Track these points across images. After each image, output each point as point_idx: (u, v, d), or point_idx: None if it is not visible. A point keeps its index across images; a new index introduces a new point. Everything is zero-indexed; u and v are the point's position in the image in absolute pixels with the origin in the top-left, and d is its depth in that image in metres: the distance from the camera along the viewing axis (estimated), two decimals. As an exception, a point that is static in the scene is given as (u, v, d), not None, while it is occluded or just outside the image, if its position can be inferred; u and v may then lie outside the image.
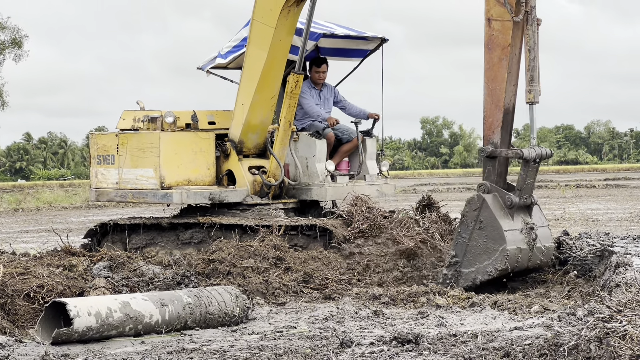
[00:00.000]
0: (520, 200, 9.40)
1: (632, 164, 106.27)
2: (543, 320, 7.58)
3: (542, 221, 9.67)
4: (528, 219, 9.49)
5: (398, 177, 67.41)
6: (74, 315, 6.95)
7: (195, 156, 12.08)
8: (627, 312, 5.52)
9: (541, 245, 9.51)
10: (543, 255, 9.58)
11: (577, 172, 74.30)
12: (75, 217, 25.94)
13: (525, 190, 9.46)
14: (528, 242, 9.42)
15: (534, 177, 9.53)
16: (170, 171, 11.85)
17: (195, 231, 11.54)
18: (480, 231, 9.41)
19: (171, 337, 7.37)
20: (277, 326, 7.75)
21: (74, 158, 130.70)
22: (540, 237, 9.50)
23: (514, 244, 9.30)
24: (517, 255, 9.32)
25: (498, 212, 9.37)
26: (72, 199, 35.27)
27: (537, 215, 9.64)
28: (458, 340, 6.82)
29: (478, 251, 9.43)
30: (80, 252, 10.32)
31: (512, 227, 9.35)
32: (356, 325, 7.72)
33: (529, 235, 9.42)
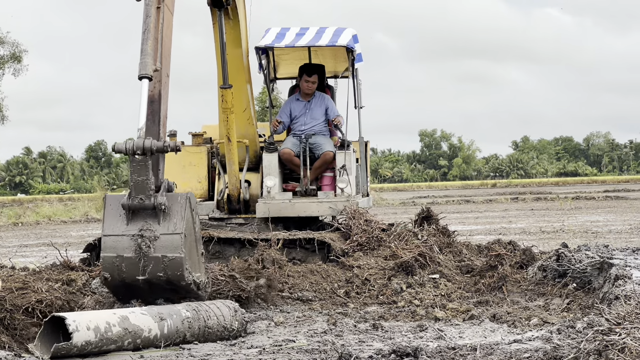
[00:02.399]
0: (133, 202, 7.97)
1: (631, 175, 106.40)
2: (542, 333, 7.58)
3: (173, 228, 8.08)
4: (149, 225, 8.00)
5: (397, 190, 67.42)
6: (73, 330, 6.94)
7: (184, 170, 12.18)
8: (626, 324, 5.51)
9: (159, 256, 7.96)
10: (167, 267, 7.98)
11: (576, 184, 74.39)
12: (74, 231, 25.93)
13: (137, 189, 7.97)
14: (135, 250, 7.93)
15: (145, 173, 7.98)
16: None
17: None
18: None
19: (170, 351, 7.36)
20: (275, 340, 7.74)
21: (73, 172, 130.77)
22: (160, 246, 7.98)
23: (114, 250, 7.96)
24: (120, 264, 7.95)
25: (112, 215, 8.06)
26: (71, 212, 35.28)
27: (171, 222, 8.08)
28: (457, 353, 6.80)
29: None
30: (79, 266, 10.33)
31: (118, 232, 8.00)
32: (355, 338, 7.71)
33: (137, 242, 7.94)
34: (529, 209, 33.07)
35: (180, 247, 8.07)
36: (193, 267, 8.18)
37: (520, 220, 25.38)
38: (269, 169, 12.10)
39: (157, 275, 7.99)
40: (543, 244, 15.31)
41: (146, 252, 7.95)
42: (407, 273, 10.34)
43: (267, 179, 12.03)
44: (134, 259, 7.96)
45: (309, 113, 12.75)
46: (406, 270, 10.37)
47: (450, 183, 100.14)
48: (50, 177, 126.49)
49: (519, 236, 18.43)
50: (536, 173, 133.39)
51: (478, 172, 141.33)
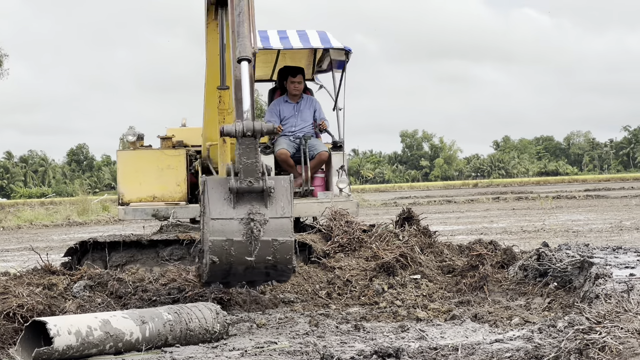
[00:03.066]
0: (241, 185, 7.84)
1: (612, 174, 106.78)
2: (523, 332, 7.60)
3: (281, 212, 8.00)
4: (256, 208, 7.88)
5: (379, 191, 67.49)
6: (54, 334, 6.92)
7: (162, 173, 12.19)
8: (607, 323, 5.54)
9: (269, 239, 7.90)
10: (276, 251, 7.94)
11: (557, 183, 74.60)
12: (56, 235, 25.84)
13: (245, 172, 7.84)
14: (245, 234, 7.84)
15: (253, 155, 7.86)
16: (129, 188, 11.98)
17: (175, 248, 11.53)
18: (205, 216, 8.11)
19: (152, 354, 7.35)
20: (257, 342, 7.73)
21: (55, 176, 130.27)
22: (270, 229, 7.89)
23: (223, 234, 7.84)
24: (229, 248, 7.85)
25: (216, 198, 7.91)
26: (53, 217, 35.14)
27: (277, 205, 8.00)
28: (439, 353, 6.82)
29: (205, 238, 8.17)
30: (60, 270, 10.29)
31: (226, 216, 7.87)
32: (337, 339, 7.72)
33: (247, 226, 7.84)
34: (510, 208, 33.15)
35: (290, 231, 8.03)
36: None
37: (501, 220, 25.44)
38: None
39: (265, 259, 7.92)
40: (524, 243, 15.36)
41: (257, 235, 7.84)
42: (389, 274, 10.35)
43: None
44: (244, 242, 7.85)
45: (298, 115, 12.80)
46: (387, 271, 10.38)
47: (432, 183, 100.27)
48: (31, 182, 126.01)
49: (500, 236, 18.48)
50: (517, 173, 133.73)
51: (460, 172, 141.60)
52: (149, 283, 9.68)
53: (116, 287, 9.57)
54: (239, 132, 7.78)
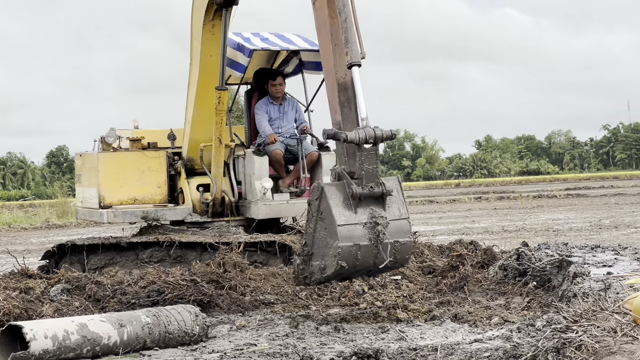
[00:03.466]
0: (364, 190, 8.18)
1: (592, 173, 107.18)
2: (502, 331, 7.60)
3: (399, 214, 8.41)
4: (377, 212, 8.24)
5: (361, 191, 67.50)
6: (30, 339, 6.88)
7: (143, 175, 12.14)
8: (583, 322, 5.54)
9: (391, 241, 8.25)
10: (397, 252, 8.32)
11: (538, 183, 74.78)
12: (35, 238, 25.71)
13: (367, 178, 8.20)
14: (371, 238, 8.18)
15: (374, 162, 8.25)
16: (110, 190, 11.93)
17: (155, 250, 11.50)
18: (322, 222, 8.35)
19: (130, 357, 7.31)
20: (237, 344, 7.71)
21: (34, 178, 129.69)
22: (392, 232, 8.26)
23: (350, 240, 8.14)
24: (356, 252, 8.17)
25: (337, 204, 8.21)
26: (31, 219, 34.97)
27: (394, 207, 8.40)
28: (418, 354, 6.81)
29: (321, 244, 8.41)
30: (38, 274, 10.25)
31: (351, 221, 8.18)
32: (316, 341, 7.70)
33: (372, 230, 8.19)
34: (492, 208, 33.20)
35: (409, 232, 8.52)
36: None
37: (483, 220, 25.48)
38: (261, 171, 12.09)
39: (391, 260, 8.30)
40: (505, 243, 15.38)
41: (382, 239, 8.17)
42: (368, 274, 10.33)
43: (265, 180, 12.03)
44: (370, 246, 8.19)
45: (283, 116, 12.81)
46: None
47: (414, 183, 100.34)
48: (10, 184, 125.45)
49: (481, 236, 18.50)
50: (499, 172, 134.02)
51: (442, 172, 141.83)
52: (128, 286, 9.65)
53: (94, 291, 9.53)
54: (362, 140, 8.18)
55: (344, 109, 8.53)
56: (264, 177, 12.05)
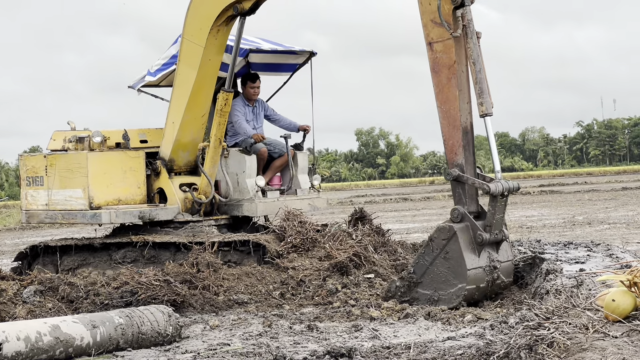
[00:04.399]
0: (491, 237, 9.08)
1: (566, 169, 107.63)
2: (476, 329, 7.63)
3: (508, 256, 9.39)
4: (494, 256, 9.17)
5: (335, 189, 67.59)
6: (2, 341, 6.84)
7: (125, 175, 12.03)
8: (555, 319, 5.56)
9: (501, 282, 9.27)
10: (499, 288, 9.35)
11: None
12: (8, 239, 25.58)
13: (496, 225, 9.11)
14: (488, 281, 9.13)
15: (503, 211, 9.19)
16: (99, 191, 11.79)
17: (128, 250, 11.45)
18: (445, 261, 9.08)
19: (103, 358, 7.29)
20: (210, 344, 7.70)
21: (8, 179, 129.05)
22: (502, 273, 9.24)
23: (474, 282, 9.03)
24: (475, 293, 9.06)
25: (466, 247, 9.03)
26: (5, 220, 34.77)
27: (504, 250, 9.35)
28: (391, 352, 6.83)
29: (438, 278, 9.10)
30: (10, 276, 10.19)
31: (476, 265, 9.04)
32: (290, 340, 7.70)
33: (490, 273, 9.12)
34: (465, 205, 33.24)
35: (512, 272, 9.54)
36: None
37: (456, 217, 25.49)
38: (251, 169, 12.13)
39: (492, 295, 9.29)
40: (478, 240, 15.40)
41: (496, 280, 9.19)
42: (342, 273, 10.36)
43: (258, 179, 12.09)
44: (486, 287, 9.18)
45: (256, 117, 12.84)
46: (341, 270, 10.39)
47: (389, 181, 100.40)
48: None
49: (455, 233, 18.51)
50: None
51: (416, 169, 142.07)
52: (101, 287, 9.62)
53: (67, 292, 9.49)
54: (499, 192, 9.02)
55: (466, 152, 9.29)
56: (254, 175, 12.11)
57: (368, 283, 10.17)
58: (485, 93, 9.01)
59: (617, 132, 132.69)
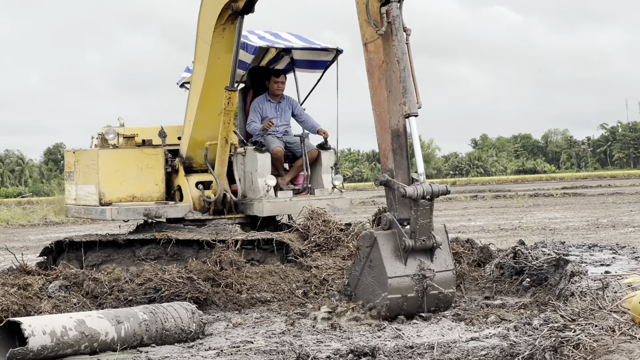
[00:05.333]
0: (417, 244, 8.41)
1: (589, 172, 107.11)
2: (499, 330, 7.61)
3: (446, 265, 8.66)
4: (426, 264, 8.50)
5: (357, 189, 67.51)
6: (29, 335, 6.89)
7: (141, 172, 12.13)
8: (581, 321, 5.55)
9: (436, 293, 8.54)
10: (440, 301, 8.63)
11: (535, 181, 74.81)
12: (32, 235, 25.70)
13: (421, 231, 8.41)
14: (418, 290, 8.45)
15: (429, 216, 8.44)
16: (110, 188, 11.91)
17: (152, 247, 11.49)
18: (370, 270, 8.57)
19: (127, 354, 7.32)
20: (233, 341, 7.72)
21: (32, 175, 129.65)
22: (438, 283, 8.53)
23: (399, 292, 8.41)
24: (402, 303, 8.44)
25: (388, 255, 8.45)
26: (29, 216, 34.94)
27: (441, 259, 8.65)
28: (414, 352, 6.82)
29: (367, 289, 8.62)
30: (36, 270, 10.24)
31: (401, 274, 8.42)
32: (313, 339, 7.71)
33: (420, 283, 8.45)
34: (488, 206, 33.21)
35: (453, 283, 8.79)
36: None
37: (479, 218, 25.49)
38: (263, 168, 12.09)
39: (430, 309, 8.64)
40: (501, 241, 15.38)
41: (428, 291, 8.51)
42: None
43: (268, 178, 12.03)
44: (416, 297, 8.51)
45: (280, 115, 12.80)
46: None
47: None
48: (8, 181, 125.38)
49: (477, 234, 18.51)
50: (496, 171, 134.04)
51: (438, 170, 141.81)
52: (125, 283, 9.65)
53: (92, 287, 9.53)
54: (419, 196, 8.32)
55: (396, 156, 8.72)
56: (267, 174, 12.07)
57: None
58: (409, 92, 8.51)
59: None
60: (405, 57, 8.60)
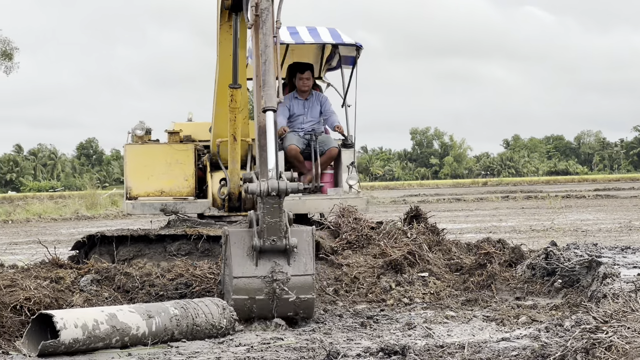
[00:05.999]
0: (265, 244, 7.92)
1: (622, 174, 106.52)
2: (530, 331, 7.58)
3: (303, 269, 8.10)
4: (280, 267, 7.99)
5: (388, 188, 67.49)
6: (60, 328, 6.93)
7: (170, 167, 12.22)
8: (613, 322, 5.52)
9: (292, 297, 8.01)
10: (297, 307, 8.11)
11: (567, 183, 74.49)
12: (64, 229, 25.89)
13: (269, 231, 7.91)
14: (268, 293, 7.98)
15: (278, 215, 7.92)
16: (137, 182, 12.03)
17: (183, 243, 11.52)
18: (226, 267, 8.29)
19: (158, 348, 7.35)
20: (264, 338, 7.73)
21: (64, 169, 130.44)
22: (294, 287, 7.99)
23: (245, 293, 8.01)
24: (250, 305, 8.05)
25: (238, 254, 8.02)
26: (61, 210, 35.20)
27: (300, 262, 8.10)
28: (445, 351, 6.80)
29: (226, 287, 8.36)
30: (68, 264, 10.30)
31: (249, 274, 7.98)
32: (343, 336, 7.71)
33: (269, 285, 7.97)
34: (519, 207, 33.10)
35: (312, 289, 8.19)
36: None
37: (510, 219, 25.40)
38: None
39: (287, 314, 8.15)
40: (533, 242, 15.32)
41: (279, 295, 7.98)
42: (396, 271, 10.34)
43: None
44: (266, 300, 8.02)
45: (308, 111, 12.80)
46: (395, 268, 10.37)
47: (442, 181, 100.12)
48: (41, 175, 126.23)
49: (509, 234, 18.45)
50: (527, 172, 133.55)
51: (469, 170, 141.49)
52: (156, 278, 9.69)
53: (123, 282, 9.58)
54: (264, 192, 7.84)
55: (263, 152, 8.29)
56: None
57: (422, 281, 10.14)
58: (268, 86, 8.20)
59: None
60: (267, 50, 8.36)
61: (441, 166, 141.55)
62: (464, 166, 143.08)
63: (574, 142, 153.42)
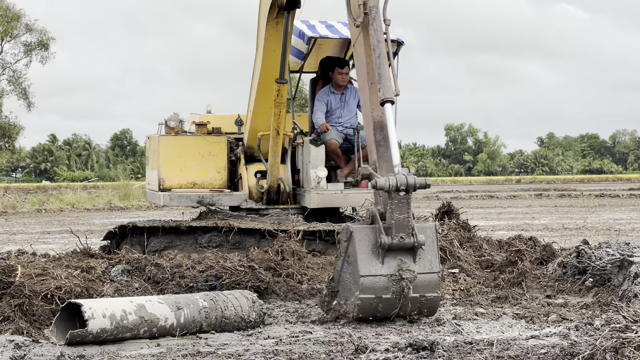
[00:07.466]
0: (394, 241, 7.73)
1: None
2: (560, 329, 7.54)
3: (431, 267, 7.94)
4: (406, 265, 7.80)
5: (421, 184, 67.29)
6: (89, 317, 6.96)
7: (203, 159, 12.27)
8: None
9: (417, 296, 7.84)
10: (423, 306, 7.94)
11: (601, 181, 74.05)
12: (97, 219, 26.04)
13: (397, 227, 7.74)
14: (395, 292, 7.77)
15: (406, 211, 7.77)
16: (170, 174, 12.09)
17: (214, 235, 11.56)
18: (348, 266, 7.95)
19: (186, 340, 7.36)
20: (292, 331, 7.73)
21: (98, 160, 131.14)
22: (419, 286, 7.82)
23: (372, 292, 7.76)
24: (377, 305, 7.81)
25: (364, 252, 7.79)
26: (94, 200, 35.42)
27: (426, 260, 7.93)
28: (474, 348, 6.78)
29: (346, 286, 8.01)
30: (99, 254, 10.36)
31: (376, 272, 7.76)
32: (372, 331, 7.69)
33: (397, 284, 7.76)
34: (552, 205, 32.92)
35: (438, 287, 8.01)
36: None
37: (543, 217, 25.27)
38: (317, 160, 12.09)
39: (411, 313, 7.97)
40: (564, 240, 15.24)
41: (406, 294, 7.78)
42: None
43: (319, 169, 12.01)
44: (392, 300, 7.82)
45: (345, 106, 12.80)
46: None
47: (475, 178, 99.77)
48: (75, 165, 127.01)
49: (541, 232, 18.36)
50: (561, 170, 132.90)
51: (503, 167, 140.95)
52: (186, 269, 9.72)
53: (154, 273, 9.61)
54: (393, 187, 7.70)
55: (380, 147, 8.25)
56: (320, 165, 12.05)
57: (452, 278, 10.11)
58: (384, 78, 8.12)
59: None
60: (381, 45, 8.34)
61: (475, 163, 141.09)
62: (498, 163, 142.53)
63: (608, 141, 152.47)
